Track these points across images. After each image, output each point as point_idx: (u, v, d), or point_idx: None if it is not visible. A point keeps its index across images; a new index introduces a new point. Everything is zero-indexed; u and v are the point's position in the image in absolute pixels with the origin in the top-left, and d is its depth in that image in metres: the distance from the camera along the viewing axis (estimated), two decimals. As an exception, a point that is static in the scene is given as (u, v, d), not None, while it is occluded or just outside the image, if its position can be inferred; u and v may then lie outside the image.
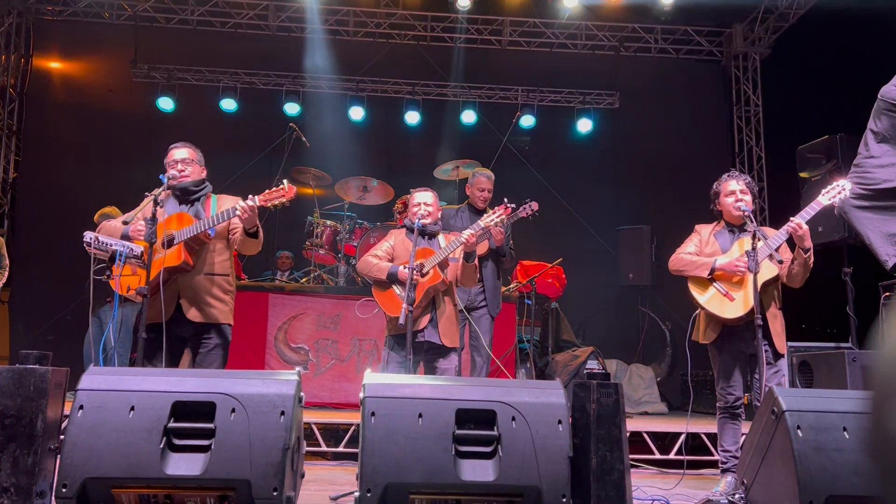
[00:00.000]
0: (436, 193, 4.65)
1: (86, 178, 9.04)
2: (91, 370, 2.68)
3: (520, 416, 2.69)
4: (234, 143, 9.50)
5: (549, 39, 10.12)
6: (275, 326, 6.57)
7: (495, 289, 5.64)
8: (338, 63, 9.90)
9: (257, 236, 3.92)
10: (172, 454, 2.52)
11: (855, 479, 2.66)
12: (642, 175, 9.97)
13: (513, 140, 9.48)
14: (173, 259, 3.71)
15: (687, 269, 4.09)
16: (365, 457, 2.58)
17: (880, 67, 4.81)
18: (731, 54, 10.27)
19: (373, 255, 4.48)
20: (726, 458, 4.01)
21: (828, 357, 5.64)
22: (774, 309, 3.99)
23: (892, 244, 4.58)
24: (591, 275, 9.40)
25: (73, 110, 9.65)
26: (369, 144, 9.89)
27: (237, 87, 9.80)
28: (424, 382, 2.93)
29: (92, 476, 2.45)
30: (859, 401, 2.89)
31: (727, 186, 4.14)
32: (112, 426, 2.52)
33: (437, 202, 4.62)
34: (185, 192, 4.00)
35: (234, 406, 2.60)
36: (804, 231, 3.76)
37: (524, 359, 7.13)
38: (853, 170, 4.69)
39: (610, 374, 2.87)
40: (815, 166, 6.72)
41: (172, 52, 9.78)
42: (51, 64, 9.88)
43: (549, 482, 2.60)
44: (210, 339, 3.90)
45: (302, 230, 7.64)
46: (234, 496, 2.51)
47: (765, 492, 2.92)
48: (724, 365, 4.05)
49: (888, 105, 4.37)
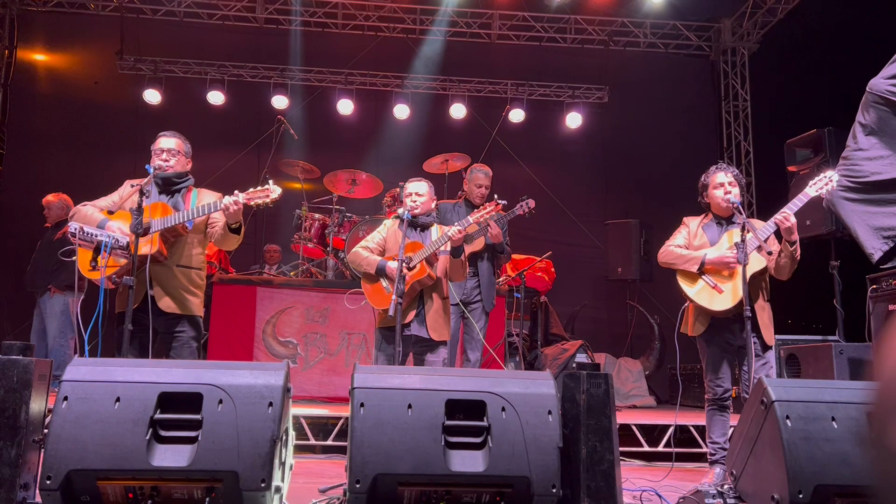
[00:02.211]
0: (431, 184, 4.61)
1: (71, 171, 8.94)
2: (75, 361, 2.64)
3: (510, 407, 2.68)
4: (222, 137, 9.44)
5: (539, 33, 10.11)
6: (263, 320, 6.53)
7: (490, 284, 5.65)
8: (326, 56, 9.86)
9: (239, 232, 3.91)
10: (159, 445, 2.49)
11: (843, 469, 2.67)
12: (631, 169, 10.00)
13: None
14: (146, 247, 3.67)
15: (676, 262, 4.09)
16: (354, 448, 2.56)
17: (868, 61, 4.84)
18: (719, 49, 10.30)
19: (364, 246, 4.45)
20: (715, 449, 4.02)
21: (815, 350, 5.67)
22: (762, 301, 4.00)
23: (878, 237, 4.61)
24: (579, 269, 9.42)
25: (59, 103, 9.55)
26: (358, 138, 9.85)
27: (224, 79, 9.74)
28: (414, 373, 2.91)
29: (77, 468, 2.42)
30: (848, 391, 2.90)
31: (715, 178, 4.14)
32: (97, 417, 2.49)
33: (432, 193, 4.59)
34: (167, 182, 3.98)
35: (221, 397, 2.57)
36: (792, 223, 3.76)
37: (513, 352, 7.14)
38: (841, 162, 4.72)
39: (600, 365, 2.87)
40: (803, 160, 6.74)
41: (159, 44, 9.69)
42: (35, 56, 9.78)
43: (539, 472, 2.59)
44: (183, 332, 3.92)
45: (290, 223, 7.60)
46: (221, 488, 2.48)
47: (753, 482, 2.92)
48: (712, 357, 4.05)
49: (876, 98, 4.39)
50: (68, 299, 6.48)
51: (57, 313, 6.46)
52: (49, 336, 6.45)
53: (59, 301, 6.48)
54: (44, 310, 6.54)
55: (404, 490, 2.57)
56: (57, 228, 6.58)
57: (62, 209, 6.61)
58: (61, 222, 6.54)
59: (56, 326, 6.45)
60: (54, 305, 6.47)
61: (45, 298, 6.53)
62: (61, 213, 6.61)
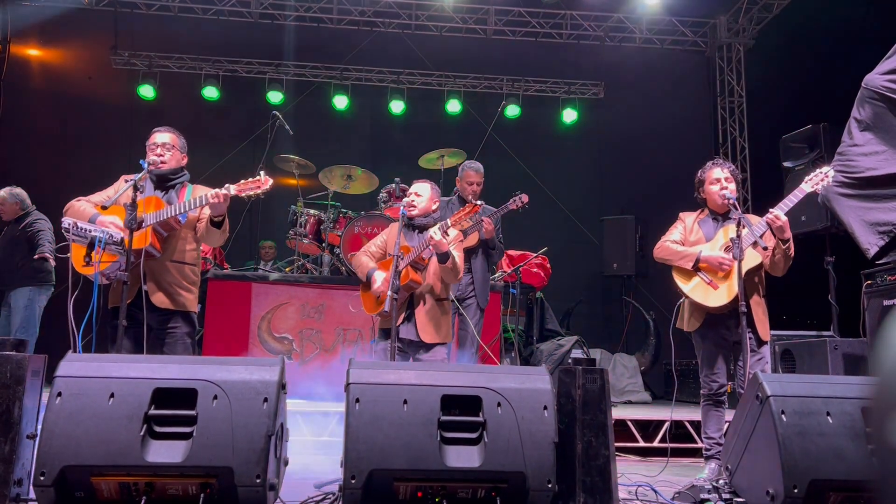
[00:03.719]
0: (435, 187, 4.60)
1: (65, 166, 8.90)
2: (69, 357, 2.63)
3: (505, 402, 2.68)
4: (217, 132, 9.42)
5: (534, 29, 10.09)
6: (258, 316, 6.51)
7: (484, 280, 5.62)
8: (321, 51, 9.84)
9: (221, 227, 3.90)
10: (153, 441, 2.48)
11: (838, 464, 2.68)
12: (626, 165, 9.99)
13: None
14: (139, 242, 3.65)
15: (672, 258, 4.09)
16: (349, 443, 2.55)
17: (863, 57, 4.84)
18: (715, 45, 10.30)
19: (367, 252, 4.51)
20: (710, 444, 4.03)
21: (810, 345, 5.68)
22: (758, 296, 4.00)
23: (874, 233, 4.61)
24: (575, 264, 9.42)
25: (52, 98, 9.51)
26: (353, 133, 9.83)
27: (219, 74, 9.71)
28: (409, 369, 2.91)
29: (71, 464, 2.41)
30: (843, 386, 2.90)
31: (711, 174, 4.14)
32: (91, 413, 2.48)
33: (435, 195, 4.56)
34: (162, 178, 3.98)
35: (216, 393, 2.56)
36: (783, 222, 3.76)
37: (509, 348, 7.13)
38: (837, 158, 4.72)
39: (595, 360, 2.86)
40: (798, 156, 6.75)
41: (153, 39, 9.66)
42: (29, 51, 9.72)
43: (535, 468, 2.59)
44: (177, 328, 3.90)
45: (285, 219, 7.57)
46: (216, 483, 2.48)
47: (749, 477, 2.93)
48: (707, 353, 4.06)
49: (872, 93, 4.39)
50: (33, 294, 6.41)
51: (21, 307, 6.37)
52: (12, 331, 6.37)
53: (24, 295, 6.39)
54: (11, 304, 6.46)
55: (399, 485, 2.57)
56: (18, 223, 6.47)
57: (16, 203, 6.52)
58: (21, 216, 6.47)
59: (19, 321, 6.37)
60: (19, 299, 6.39)
61: (13, 293, 6.43)
62: (16, 207, 6.51)
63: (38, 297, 6.42)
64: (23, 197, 6.56)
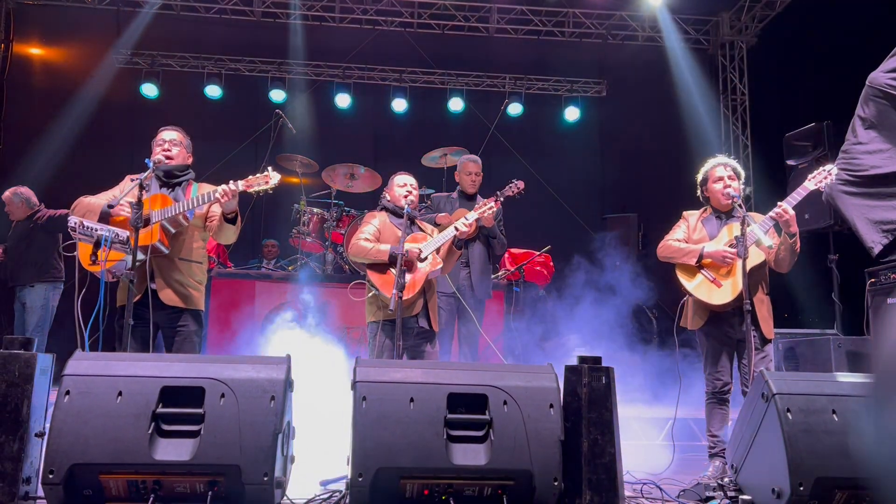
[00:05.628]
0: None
1: (68, 165, 8.89)
2: (77, 355, 2.64)
3: (511, 400, 2.68)
4: (220, 131, 9.40)
5: (537, 27, 10.08)
6: (262, 314, 6.53)
7: (485, 272, 5.45)
8: (324, 50, 9.83)
9: (235, 222, 3.90)
10: (161, 440, 2.50)
11: (844, 462, 2.68)
12: (629, 163, 9.99)
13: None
14: (146, 238, 3.65)
15: (675, 256, 4.09)
16: (356, 441, 2.56)
17: (867, 55, 4.83)
18: (717, 43, 10.29)
19: (364, 238, 4.39)
20: (714, 442, 4.03)
21: (813, 343, 5.68)
22: (762, 294, 4.00)
23: (878, 231, 4.61)
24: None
25: (55, 97, 9.48)
26: (356, 132, 9.83)
27: (222, 73, 9.71)
28: (416, 367, 2.91)
29: (79, 462, 2.42)
30: (849, 384, 2.90)
31: (714, 173, 4.14)
32: (99, 412, 2.49)
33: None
34: (169, 174, 3.97)
35: (223, 391, 2.57)
36: (790, 216, 3.76)
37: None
38: (841, 156, 4.72)
39: (601, 358, 2.87)
40: (801, 154, 6.74)
41: (156, 37, 9.64)
42: (31, 50, 9.72)
43: (541, 466, 2.60)
44: (186, 326, 3.88)
45: (288, 218, 7.59)
46: (223, 481, 2.49)
47: (754, 475, 2.93)
48: (711, 351, 4.06)
49: (876, 91, 4.39)
50: (48, 293, 6.45)
51: (38, 307, 6.41)
52: (28, 329, 6.40)
53: (40, 295, 6.43)
54: (26, 303, 6.49)
55: (406, 483, 2.58)
56: (29, 220, 6.55)
57: (22, 202, 6.58)
58: (31, 214, 6.55)
59: (35, 320, 6.41)
60: (35, 299, 6.43)
61: (27, 291, 6.49)
62: (23, 206, 6.58)
63: (52, 294, 6.48)
64: (28, 196, 6.61)
